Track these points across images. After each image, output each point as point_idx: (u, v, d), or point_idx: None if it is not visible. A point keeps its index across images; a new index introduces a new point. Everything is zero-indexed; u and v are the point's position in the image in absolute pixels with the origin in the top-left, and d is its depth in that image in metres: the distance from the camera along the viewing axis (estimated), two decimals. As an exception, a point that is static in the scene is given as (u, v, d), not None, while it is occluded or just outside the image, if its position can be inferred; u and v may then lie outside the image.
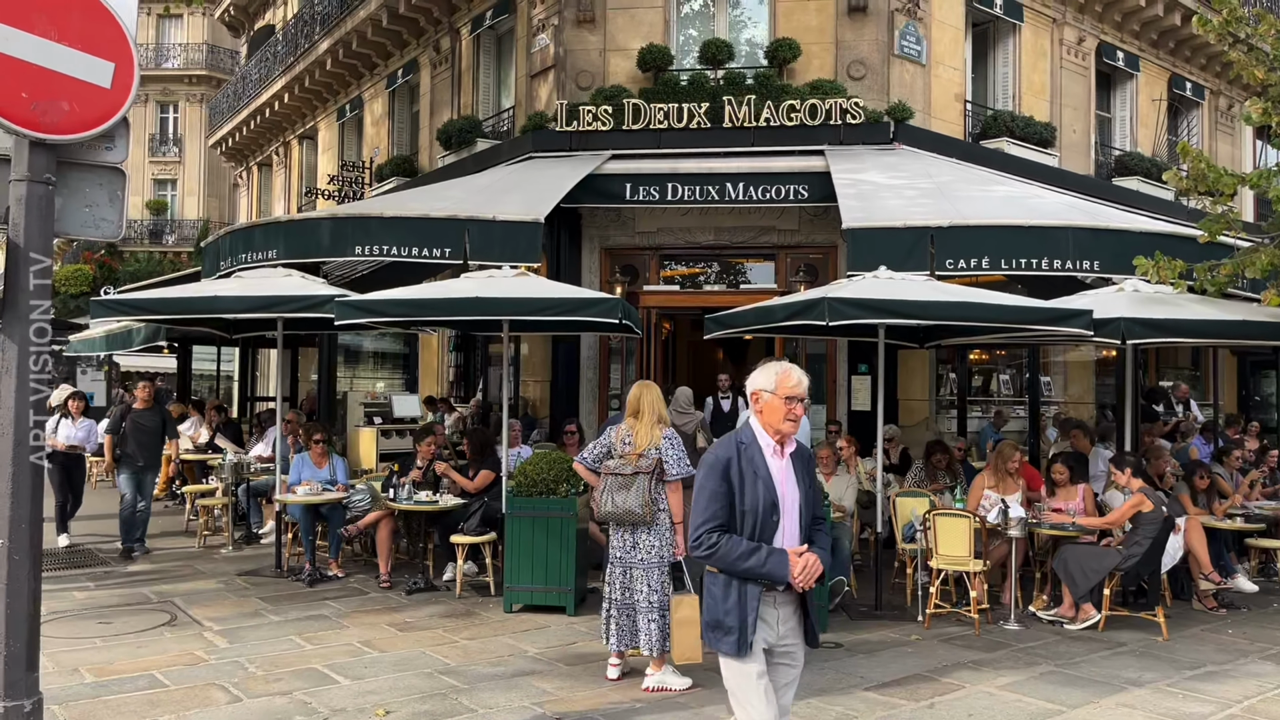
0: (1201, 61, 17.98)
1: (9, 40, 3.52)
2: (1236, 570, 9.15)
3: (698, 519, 3.57)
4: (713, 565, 3.61)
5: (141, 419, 10.52)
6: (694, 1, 13.69)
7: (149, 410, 10.65)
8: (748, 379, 3.78)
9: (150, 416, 10.62)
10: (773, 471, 3.62)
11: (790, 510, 3.65)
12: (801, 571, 3.54)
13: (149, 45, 37.48)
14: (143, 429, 10.48)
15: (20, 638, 3.60)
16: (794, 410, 3.66)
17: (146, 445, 10.51)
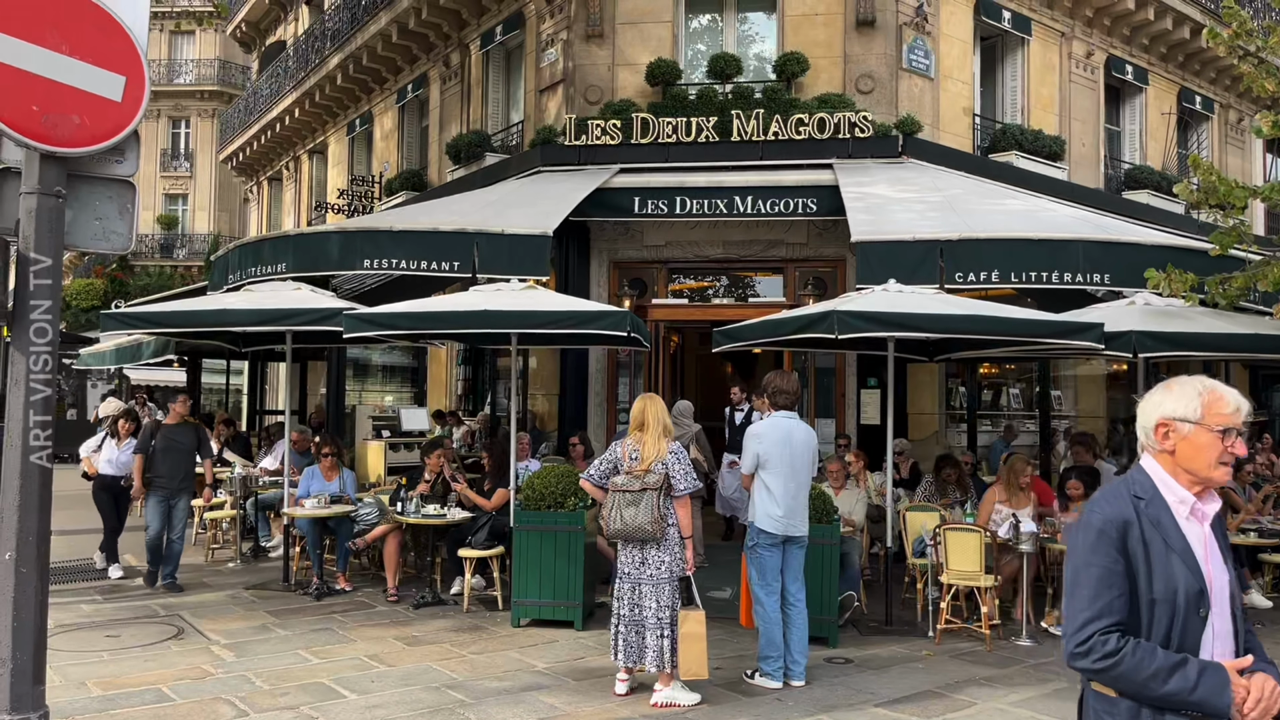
0: (1211, 75, 17.95)
1: (20, 53, 3.53)
2: (1250, 586, 9.07)
3: (1083, 612, 2.46)
4: (1109, 685, 2.51)
5: (173, 436, 9.41)
6: (702, 16, 13.73)
7: (181, 427, 9.54)
8: (1146, 403, 2.74)
9: (183, 434, 9.49)
10: (1191, 543, 2.50)
11: (1220, 601, 2.51)
12: (1257, 704, 2.35)
13: (162, 61, 37.76)
14: (174, 448, 9.38)
15: (27, 650, 3.58)
16: (1231, 448, 2.55)
17: (178, 467, 9.37)
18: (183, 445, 9.43)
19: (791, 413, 6.69)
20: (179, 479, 9.37)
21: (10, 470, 3.60)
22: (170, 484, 9.29)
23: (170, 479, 9.30)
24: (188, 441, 9.49)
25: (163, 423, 9.61)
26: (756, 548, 6.50)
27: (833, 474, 9.02)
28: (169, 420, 9.62)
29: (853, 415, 12.50)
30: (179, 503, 9.35)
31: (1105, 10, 15.37)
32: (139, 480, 9.40)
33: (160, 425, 9.52)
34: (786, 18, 13.08)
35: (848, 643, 7.49)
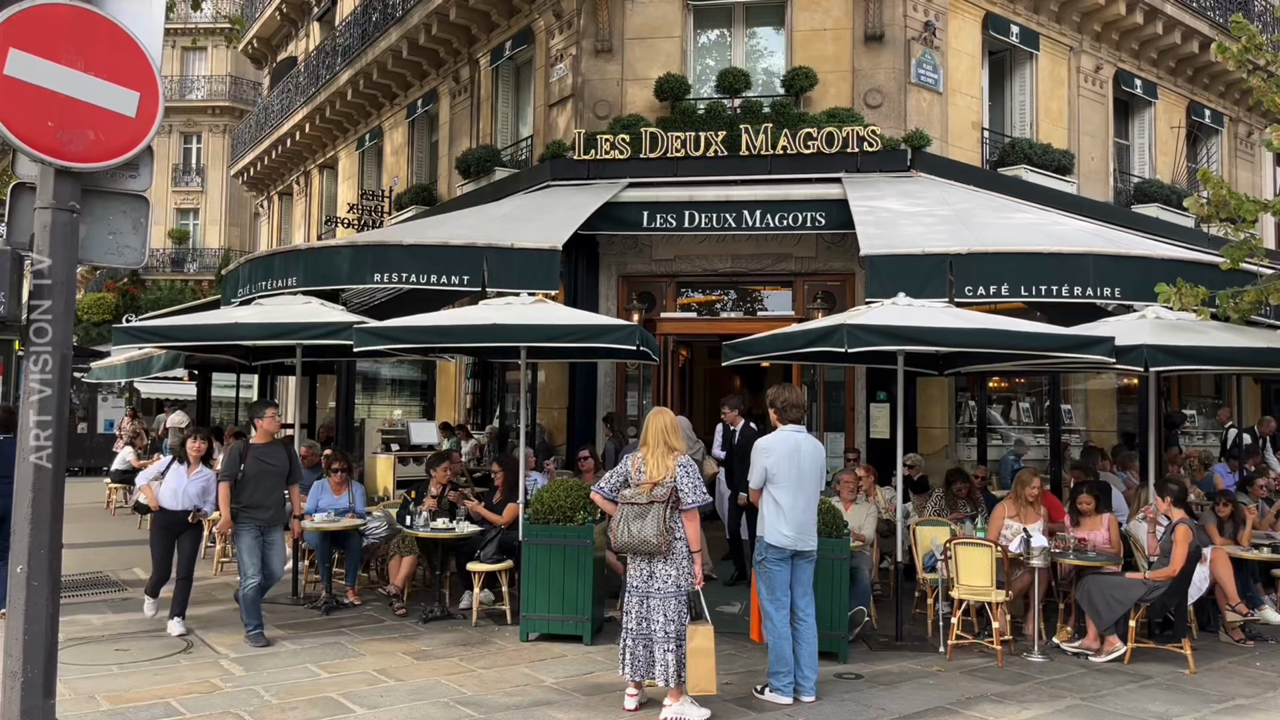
0: (1220, 89, 17.94)
1: (36, 70, 3.56)
2: (1264, 602, 8.98)
3: None
4: None
5: (265, 458, 7.81)
6: (711, 31, 13.79)
7: (273, 446, 7.95)
8: None
9: (276, 454, 7.91)
10: None
11: None
12: None
13: (174, 77, 38.05)
14: (267, 472, 7.79)
15: (38, 664, 3.59)
16: None
17: (272, 494, 7.83)
18: (276, 468, 7.87)
19: (800, 426, 6.68)
20: (274, 509, 7.82)
21: (23, 483, 3.61)
22: (264, 515, 7.73)
23: (264, 509, 7.74)
24: (280, 463, 7.92)
25: (251, 442, 8.04)
26: (765, 562, 6.48)
27: (844, 486, 9.00)
28: (258, 439, 8.04)
29: (862, 429, 12.48)
30: (274, 537, 7.84)
31: (1113, 24, 15.39)
32: (227, 511, 7.75)
33: (249, 446, 7.95)
34: (795, 33, 13.13)
35: (858, 658, 7.44)
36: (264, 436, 8.00)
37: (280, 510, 7.90)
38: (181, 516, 8.01)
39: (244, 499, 7.70)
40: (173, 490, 7.98)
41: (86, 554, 11.56)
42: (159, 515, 8.07)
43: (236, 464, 7.76)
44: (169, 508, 8.00)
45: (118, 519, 15.45)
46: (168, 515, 8.03)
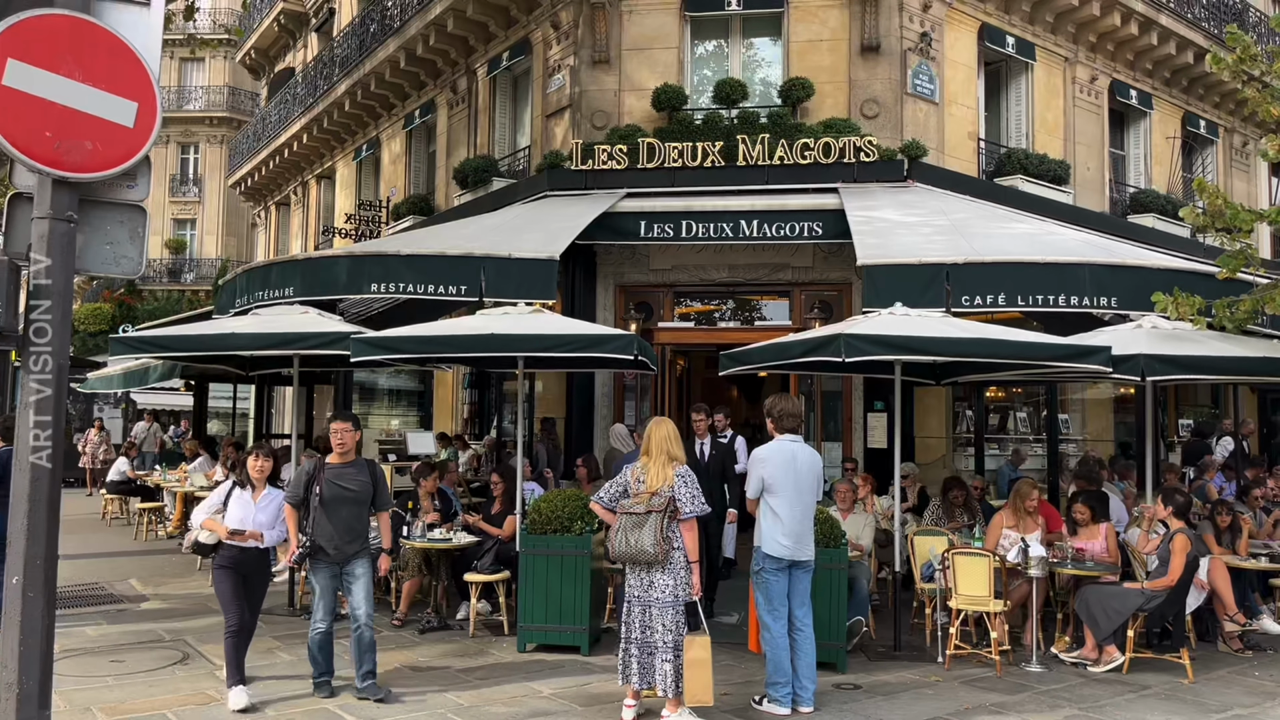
0: (1215, 99, 18.01)
1: (34, 81, 3.57)
2: (1262, 611, 8.98)
3: None
4: None
5: (342, 481, 6.55)
6: (708, 42, 13.84)
7: (351, 467, 6.64)
8: None
9: (355, 477, 6.61)
10: None
11: None
12: None
13: (172, 88, 38.10)
14: (345, 497, 6.52)
15: (33, 676, 3.57)
16: None
17: (353, 523, 6.56)
18: (354, 493, 6.56)
19: (796, 436, 6.67)
20: (355, 539, 6.55)
21: (19, 494, 3.60)
22: (342, 547, 6.48)
23: (342, 540, 6.48)
24: (362, 486, 6.60)
25: (326, 460, 6.69)
26: (763, 572, 6.47)
27: (841, 496, 8.99)
28: (334, 458, 6.66)
29: (860, 439, 12.47)
30: (357, 571, 6.55)
31: (1108, 35, 15.46)
32: (295, 540, 6.62)
33: (322, 465, 6.64)
34: (792, 44, 13.17)
35: (856, 668, 7.43)
36: (340, 454, 6.64)
37: (361, 544, 6.57)
38: (252, 554, 6.55)
39: (315, 532, 6.46)
40: (239, 521, 6.53)
41: (83, 565, 11.52)
42: (220, 554, 6.52)
43: (303, 487, 6.56)
44: (233, 543, 6.48)
45: (113, 530, 15.41)
46: (234, 553, 6.47)
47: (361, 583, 6.56)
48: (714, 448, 8.92)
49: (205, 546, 6.63)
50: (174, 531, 14.31)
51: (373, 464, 6.81)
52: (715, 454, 8.86)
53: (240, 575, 6.51)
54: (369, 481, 6.67)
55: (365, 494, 6.63)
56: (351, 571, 6.56)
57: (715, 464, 8.76)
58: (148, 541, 14.12)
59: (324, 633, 6.57)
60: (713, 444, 8.98)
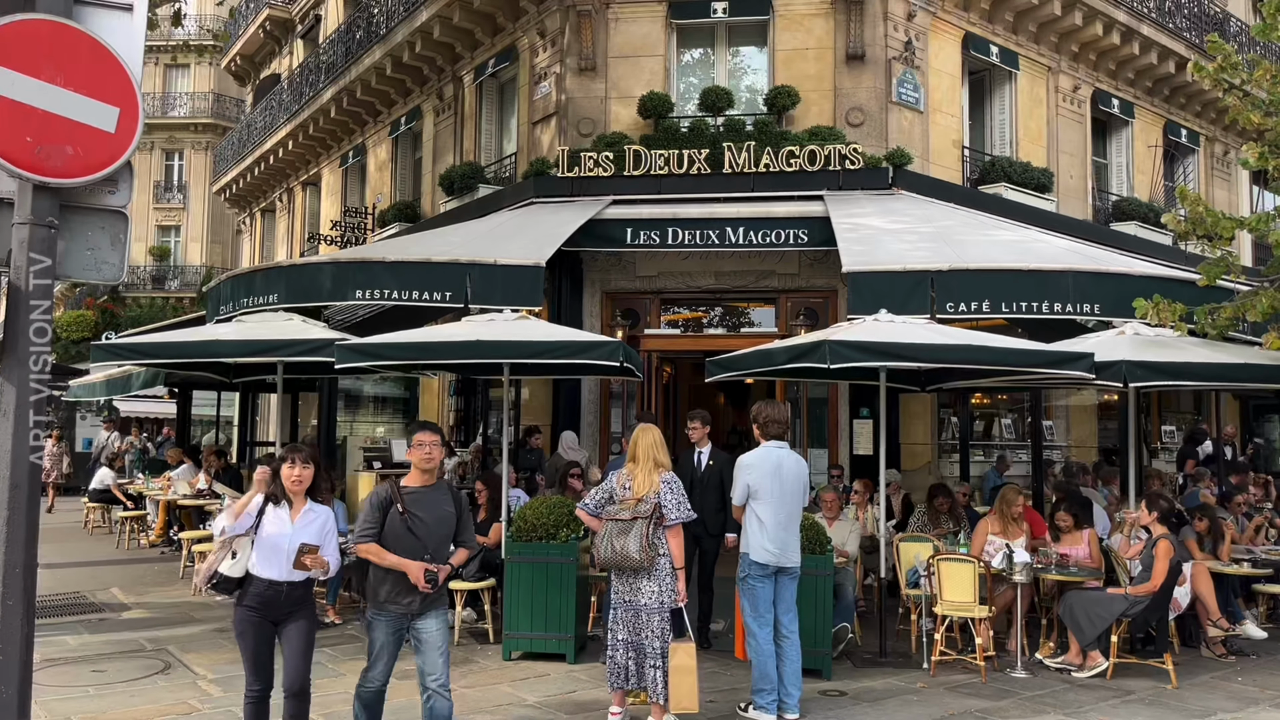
0: (1196, 108, 18.18)
1: (14, 85, 3.54)
2: (1245, 616, 9.04)
3: None
4: None
5: (420, 508, 5.13)
6: (694, 50, 13.88)
7: (432, 492, 5.23)
8: None
9: (435, 503, 5.19)
10: None
11: None
12: None
13: (156, 94, 37.93)
14: (424, 528, 5.10)
15: (12, 685, 3.53)
16: None
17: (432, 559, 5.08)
18: (437, 519, 5.16)
19: (782, 443, 6.68)
20: (423, 595, 5.08)
21: (-2, 502, 3.57)
22: (412, 601, 5.07)
23: (413, 592, 5.05)
24: (443, 516, 5.20)
25: (402, 484, 5.24)
26: (748, 579, 6.47)
27: (827, 504, 9.00)
28: (410, 479, 5.26)
29: (846, 445, 12.50)
30: (431, 628, 5.14)
31: (1091, 45, 15.58)
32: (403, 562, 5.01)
33: (398, 490, 5.20)
34: (777, 52, 13.23)
35: (842, 675, 7.43)
36: (419, 475, 5.24)
37: (440, 593, 5.21)
38: (287, 592, 4.97)
39: (380, 577, 5.12)
40: (272, 546, 4.94)
41: (64, 574, 11.43)
42: (246, 592, 4.99)
43: (380, 517, 5.10)
44: (266, 576, 4.93)
45: (95, 539, 15.29)
46: (263, 591, 4.95)
47: (437, 641, 5.11)
48: (712, 457, 8.37)
49: (230, 581, 4.99)
50: (156, 540, 14.21)
51: (454, 488, 5.49)
52: (713, 464, 8.29)
53: (270, 622, 4.95)
54: (454, 510, 5.24)
55: (448, 527, 5.19)
56: (424, 628, 5.11)
57: (713, 475, 8.20)
58: (130, 550, 14.02)
59: (377, 691, 5.23)
60: (711, 454, 8.41)
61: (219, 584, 5.07)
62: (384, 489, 5.26)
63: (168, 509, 14.09)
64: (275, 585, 4.96)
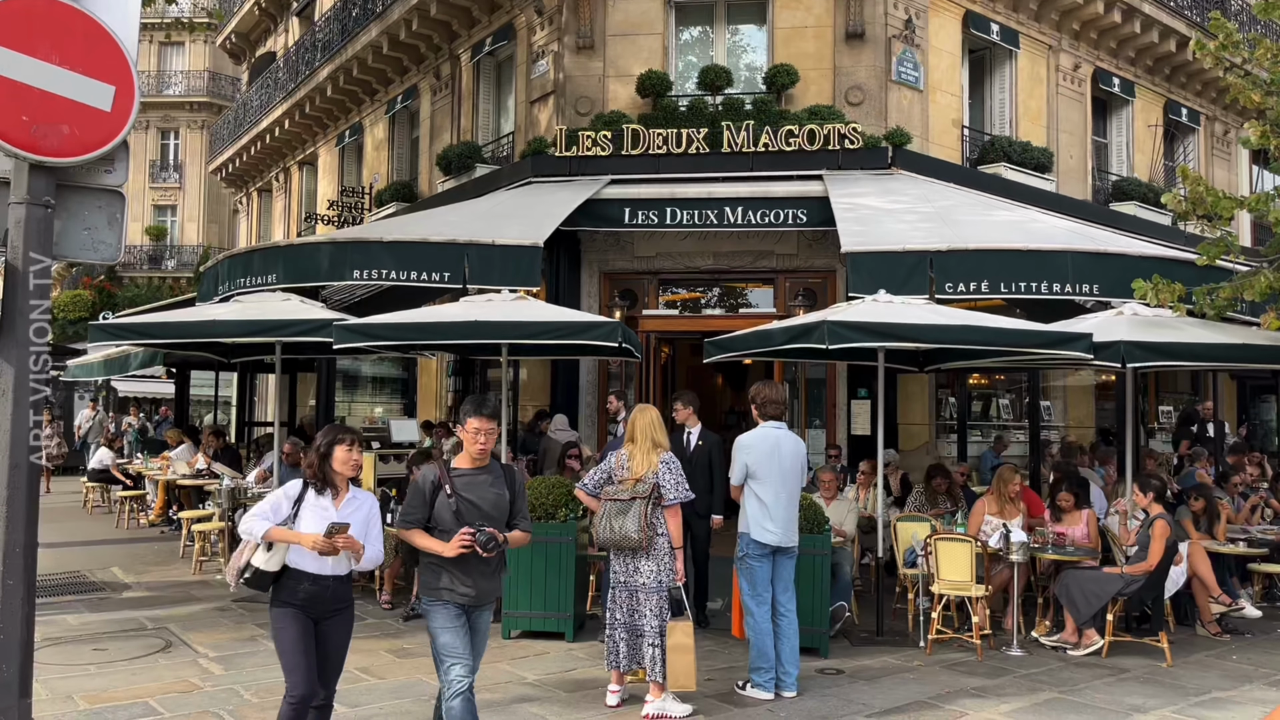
0: (1197, 87, 18.11)
1: (10, 64, 3.52)
2: (1240, 595, 9.09)
3: None
4: None
5: (472, 492, 4.74)
6: (693, 28, 13.79)
7: (486, 473, 4.83)
8: None
9: (491, 487, 4.80)
10: None
11: None
12: None
13: (151, 72, 37.71)
14: (471, 509, 4.69)
15: (13, 664, 3.55)
16: None
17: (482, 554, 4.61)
18: (490, 506, 4.76)
19: (780, 423, 6.69)
20: (494, 575, 4.82)
21: (-2, 483, 3.57)
22: (468, 588, 4.68)
23: (479, 575, 4.70)
24: (500, 500, 4.81)
25: (452, 466, 4.86)
26: (746, 558, 6.50)
27: (825, 484, 9.02)
28: (461, 460, 4.87)
29: (843, 426, 12.52)
30: (483, 622, 4.88)
31: (1092, 23, 15.50)
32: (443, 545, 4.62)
33: (448, 473, 4.79)
34: (776, 30, 13.15)
35: (839, 653, 7.47)
36: (470, 456, 4.83)
37: (495, 578, 4.82)
38: (330, 587, 4.54)
39: (433, 564, 4.74)
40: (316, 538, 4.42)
41: (64, 554, 11.46)
42: (283, 587, 4.52)
43: (426, 502, 4.74)
44: (306, 569, 4.48)
45: (95, 518, 15.32)
46: (304, 586, 4.50)
47: (482, 635, 4.85)
48: (701, 438, 8.27)
49: (264, 575, 4.50)
50: (156, 520, 14.25)
51: (510, 469, 5.02)
52: (702, 444, 8.23)
53: (310, 619, 4.52)
54: (508, 492, 4.84)
55: (501, 510, 4.79)
56: (478, 621, 4.80)
57: (701, 455, 8.14)
58: (129, 530, 14.05)
59: (466, 695, 4.63)
60: (700, 434, 8.31)
61: (252, 578, 4.56)
62: (431, 471, 4.87)
63: (167, 488, 14.12)
64: (319, 580, 4.50)
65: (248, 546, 4.59)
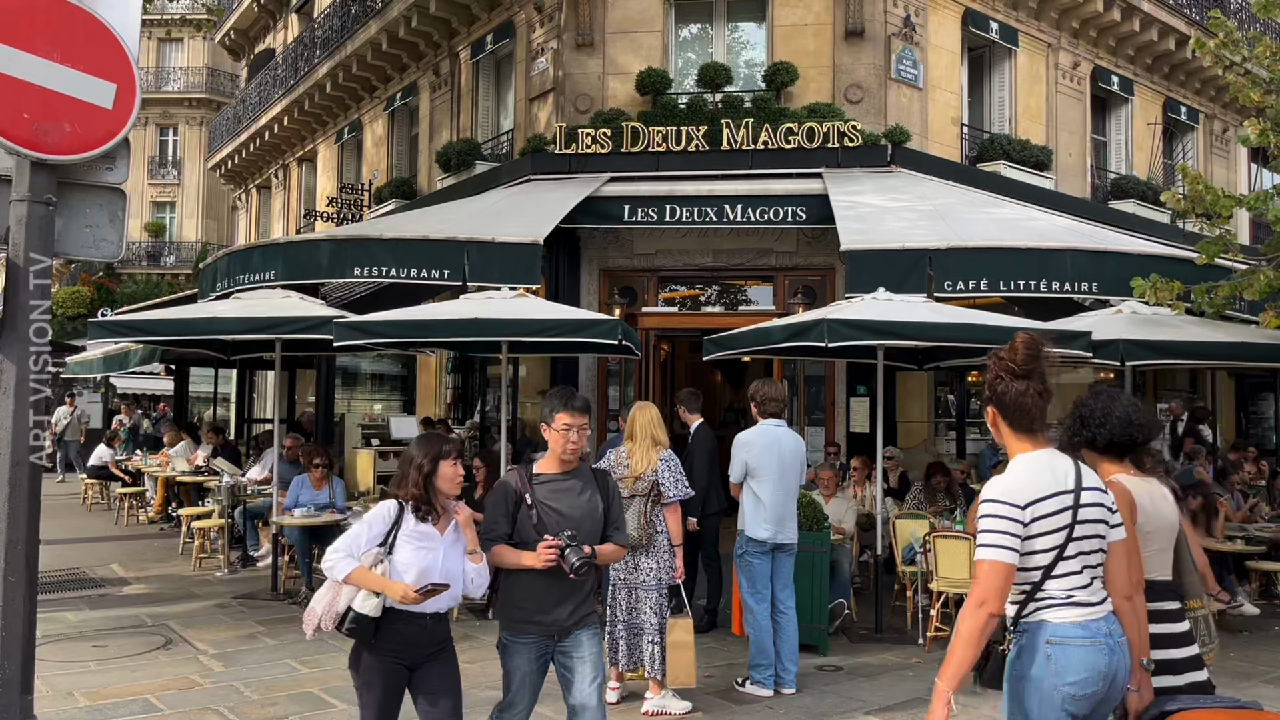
0: (1196, 86, 18.11)
1: (11, 61, 3.52)
2: (1238, 593, 9.11)
3: None
4: None
5: (563, 502, 4.13)
6: (692, 26, 13.79)
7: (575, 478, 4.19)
8: None
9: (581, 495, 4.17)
10: None
11: None
12: None
13: (150, 69, 37.67)
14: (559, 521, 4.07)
15: (15, 661, 3.56)
16: None
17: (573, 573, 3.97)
18: (582, 516, 4.12)
19: (780, 420, 6.70)
20: (584, 598, 4.15)
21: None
22: (561, 609, 4.08)
23: (562, 598, 4.07)
24: (590, 509, 4.16)
25: (535, 471, 4.20)
26: (746, 555, 6.51)
27: (824, 482, 9.03)
28: (545, 464, 4.21)
29: (842, 423, 12.53)
30: (583, 646, 4.15)
31: (1091, 21, 15.50)
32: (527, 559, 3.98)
33: (528, 479, 4.15)
34: (776, 28, 13.14)
35: (838, 651, 7.49)
36: (558, 459, 4.16)
37: (591, 605, 4.21)
38: (429, 627, 3.92)
39: (514, 585, 4.11)
40: (419, 573, 3.83)
41: (63, 550, 11.46)
42: (377, 629, 3.83)
43: (509, 514, 4.09)
44: (399, 606, 3.81)
45: (94, 515, 15.33)
46: (400, 628, 3.85)
47: (590, 663, 4.13)
48: (694, 435, 8.13)
49: (367, 621, 3.79)
50: (155, 516, 14.25)
51: (603, 472, 4.42)
52: (691, 443, 8.07)
53: (404, 667, 3.89)
54: (600, 500, 4.19)
55: (595, 520, 4.14)
56: (575, 646, 4.12)
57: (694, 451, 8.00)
58: (129, 526, 14.06)
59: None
60: (694, 432, 8.18)
61: (358, 627, 3.81)
62: (510, 478, 4.20)
63: (166, 485, 14.13)
64: (415, 620, 3.85)
65: (335, 587, 3.89)
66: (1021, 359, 3.40)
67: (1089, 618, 3.13)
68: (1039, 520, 3.14)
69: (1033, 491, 3.17)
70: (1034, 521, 3.14)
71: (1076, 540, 3.15)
